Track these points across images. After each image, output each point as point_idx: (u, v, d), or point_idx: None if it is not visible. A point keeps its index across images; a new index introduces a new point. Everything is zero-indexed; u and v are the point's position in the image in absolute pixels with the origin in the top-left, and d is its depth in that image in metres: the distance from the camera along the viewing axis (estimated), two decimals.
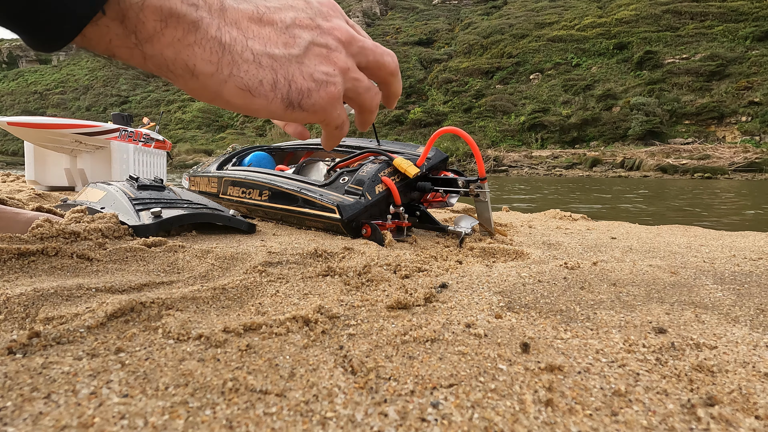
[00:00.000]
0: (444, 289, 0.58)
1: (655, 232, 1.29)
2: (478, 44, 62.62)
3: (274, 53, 0.39)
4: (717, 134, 35.63)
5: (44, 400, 0.28)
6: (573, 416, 0.29)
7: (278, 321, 0.41)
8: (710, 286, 0.63)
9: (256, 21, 0.38)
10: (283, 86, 0.38)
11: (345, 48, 0.43)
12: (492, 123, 45.88)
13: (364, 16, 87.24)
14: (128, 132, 3.38)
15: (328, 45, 0.43)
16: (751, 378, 0.35)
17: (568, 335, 0.43)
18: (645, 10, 53.87)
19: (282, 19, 0.40)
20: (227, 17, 0.36)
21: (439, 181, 1.11)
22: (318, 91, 0.41)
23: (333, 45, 0.43)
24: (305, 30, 0.41)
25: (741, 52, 41.04)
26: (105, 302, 0.45)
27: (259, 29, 0.38)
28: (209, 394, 0.29)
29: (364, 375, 0.33)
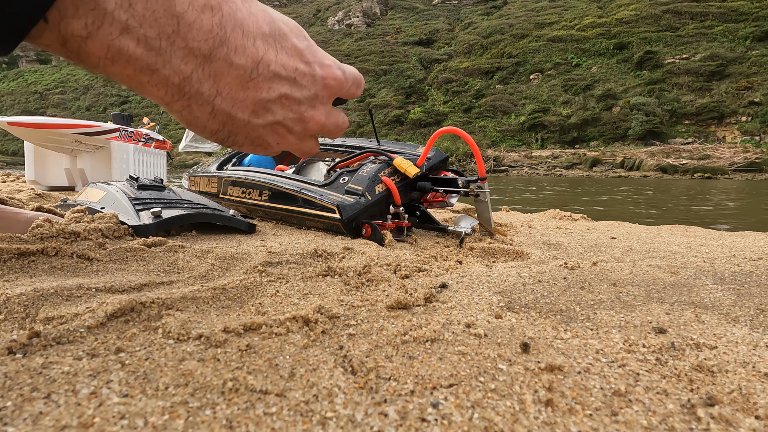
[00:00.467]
0: (444, 289, 0.58)
1: (655, 232, 1.29)
2: (478, 44, 62.61)
3: (236, 116, 0.39)
4: (717, 134, 35.62)
5: (44, 400, 0.28)
6: (573, 416, 0.29)
7: (278, 321, 0.41)
8: (710, 286, 0.63)
9: (242, 83, 0.37)
10: (222, 134, 0.40)
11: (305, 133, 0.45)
12: (492, 123, 45.88)
13: (364, 16, 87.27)
14: (128, 132, 3.38)
15: (292, 130, 0.44)
16: (751, 378, 0.35)
17: (568, 335, 0.43)
18: (645, 10, 53.85)
19: (270, 89, 0.39)
20: (208, 69, 0.35)
21: (439, 181, 1.11)
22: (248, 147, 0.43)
23: (297, 131, 0.44)
24: (284, 109, 0.42)
25: (741, 52, 41.03)
26: (105, 302, 0.45)
27: (239, 92, 0.38)
28: (209, 394, 0.29)
29: (364, 375, 0.33)
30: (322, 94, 0.44)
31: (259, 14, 0.38)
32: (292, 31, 0.41)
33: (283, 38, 0.39)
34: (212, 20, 0.34)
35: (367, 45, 76.84)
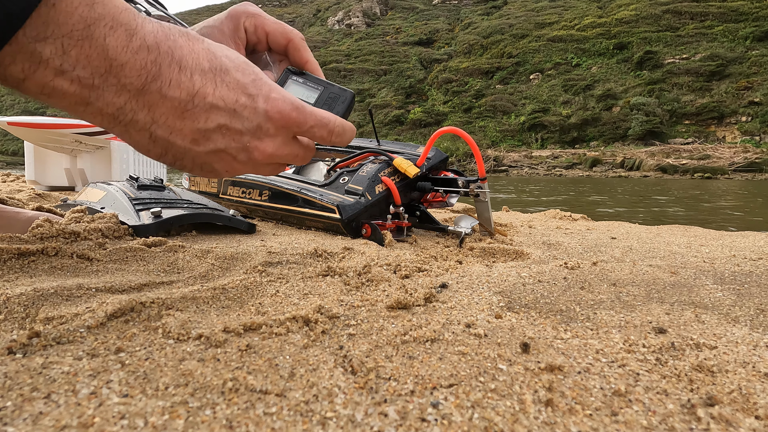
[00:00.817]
0: (444, 289, 0.58)
1: (655, 232, 1.29)
2: (478, 44, 62.61)
3: (175, 142, 0.41)
4: (717, 134, 35.63)
5: (44, 400, 0.28)
6: (573, 416, 0.29)
7: (278, 321, 0.41)
8: (710, 286, 0.63)
9: (178, 113, 0.39)
10: (167, 158, 0.42)
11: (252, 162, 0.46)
12: (492, 123, 45.88)
13: (364, 16, 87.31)
14: None
15: (237, 158, 0.45)
16: (751, 378, 0.35)
17: (568, 335, 0.43)
18: (645, 10, 53.87)
19: (207, 120, 0.41)
20: (142, 100, 0.37)
21: (439, 181, 1.11)
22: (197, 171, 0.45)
23: (242, 159, 0.45)
24: (225, 138, 0.43)
25: (741, 52, 41.03)
26: (105, 302, 0.45)
27: (176, 121, 0.40)
28: (209, 394, 0.29)
29: (364, 375, 0.33)
30: (267, 126, 0.45)
31: (201, 52, 0.40)
32: (237, 67, 0.43)
33: (224, 73, 0.41)
34: (147, 58, 0.36)
35: (367, 45, 76.84)
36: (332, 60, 72.10)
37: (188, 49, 0.40)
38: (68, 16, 0.32)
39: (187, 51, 0.40)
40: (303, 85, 0.55)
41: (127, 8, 0.37)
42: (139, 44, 0.36)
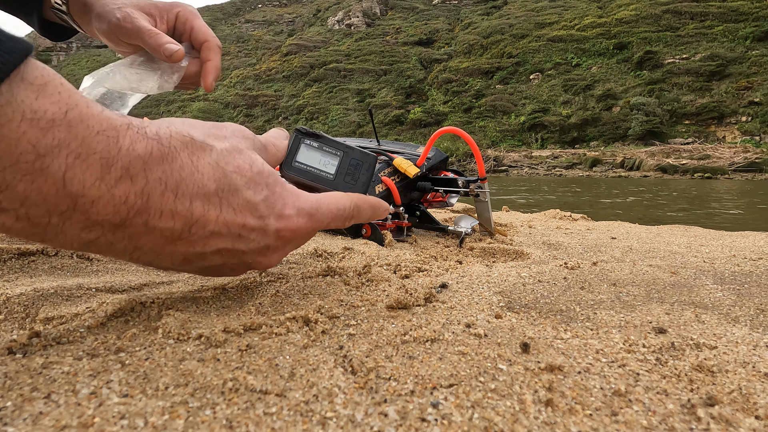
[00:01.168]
0: (444, 289, 0.58)
1: (655, 232, 1.29)
2: (478, 44, 62.59)
3: (162, 263, 0.37)
4: (717, 134, 35.62)
5: (44, 400, 0.28)
6: (573, 416, 0.29)
7: (278, 321, 0.41)
8: (710, 286, 0.63)
9: (170, 241, 0.34)
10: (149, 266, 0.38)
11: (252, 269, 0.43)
12: (492, 123, 45.87)
13: (364, 16, 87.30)
14: None
15: (236, 269, 0.42)
16: (751, 378, 0.35)
17: (568, 335, 0.43)
18: (645, 10, 53.86)
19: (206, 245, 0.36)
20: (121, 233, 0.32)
21: (439, 181, 1.11)
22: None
23: (241, 270, 0.42)
24: (224, 257, 0.39)
25: (741, 52, 41.02)
26: (105, 302, 0.45)
27: (165, 246, 0.35)
28: (209, 394, 0.29)
29: (364, 375, 0.33)
30: (276, 244, 0.41)
31: (206, 170, 0.34)
32: (248, 182, 0.37)
33: (232, 194, 0.36)
34: (129, 190, 0.30)
35: (367, 45, 76.79)
36: (332, 60, 72.10)
37: (190, 170, 0.34)
38: (11, 144, 0.25)
39: (188, 172, 0.33)
40: (319, 151, 0.50)
41: (104, 129, 0.29)
42: (120, 175, 0.30)
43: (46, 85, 0.27)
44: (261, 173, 0.38)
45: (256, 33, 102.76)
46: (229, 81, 79.24)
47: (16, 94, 0.25)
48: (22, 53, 0.26)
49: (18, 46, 0.26)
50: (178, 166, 0.33)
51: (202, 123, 0.39)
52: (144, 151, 0.31)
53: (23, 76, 0.26)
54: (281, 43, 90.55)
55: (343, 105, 59.87)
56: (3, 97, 0.25)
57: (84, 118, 0.28)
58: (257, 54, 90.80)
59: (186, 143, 0.34)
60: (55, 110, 0.27)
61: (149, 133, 0.32)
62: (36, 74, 0.27)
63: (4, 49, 0.25)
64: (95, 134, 0.28)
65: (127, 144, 0.30)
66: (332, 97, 63.04)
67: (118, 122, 0.30)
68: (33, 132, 0.26)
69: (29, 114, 0.26)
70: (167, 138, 0.33)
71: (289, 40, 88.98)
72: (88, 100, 0.29)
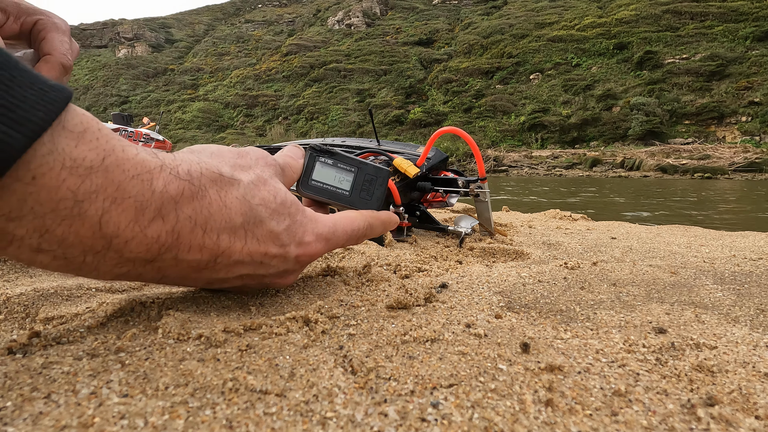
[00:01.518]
0: (444, 289, 0.58)
1: (655, 232, 1.29)
2: (478, 44, 62.60)
3: (183, 283, 0.40)
4: (717, 134, 35.62)
5: (44, 400, 0.28)
6: (573, 416, 0.29)
7: (278, 321, 0.41)
8: (710, 286, 0.63)
9: (195, 269, 0.37)
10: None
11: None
12: (492, 123, 45.88)
13: (364, 16, 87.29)
14: (128, 132, 3.38)
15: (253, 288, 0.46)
16: (751, 378, 0.35)
17: (568, 335, 0.43)
18: (645, 10, 53.87)
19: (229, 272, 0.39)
20: (150, 266, 0.34)
21: (439, 181, 1.11)
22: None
23: (256, 288, 0.46)
24: (245, 280, 0.42)
25: (741, 52, 41.03)
26: (105, 302, 0.45)
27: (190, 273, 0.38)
28: (209, 394, 0.29)
29: (364, 375, 0.33)
30: (294, 267, 0.44)
31: (233, 205, 0.36)
32: (272, 213, 0.39)
33: (258, 225, 0.38)
34: (161, 229, 0.32)
35: (367, 45, 76.80)
36: (332, 60, 72.13)
37: (218, 205, 0.35)
38: (52, 191, 0.26)
39: (217, 207, 0.35)
40: (334, 168, 0.51)
41: (138, 173, 0.30)
42: (153, 216, 0.31)
43: (85, 132, 0.28)
44: (284, 203, 0.40)
45: (256, 33, 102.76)
46: (229, 81, 79.27)
47: (57, 143, 0.26)
48: (63, 101, 0.26)
49: (59, 95, 0.26)
50: (207, 202, 0.34)
51: (228, 151, 0.41)
52: (176, 192, 0.32)
53: (64, 124, 0.27)
54: (281, 43, 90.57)
55: (343, 105, 59.88)
56: (45, 147, 0.26)
57: (120, 163, 0.29)
58: (257, 54, 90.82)
59: (215, 179, 0.35)
60: (93, 157, 0.28)
61: (181, 173, 0.33)
62: (76, 121, 0.27)
63: (48, 99, 0.26)
64: (131, 178, 0.30)
65: (161, 186, 0.31)
66: (332, 97, 63.06)
67: (151, 164, 0.31)
68: (72, 179, 0.27)
69: (69, 162, 0.26)
70: (198, 177, 0.34)
71: (289, 40, 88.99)
72: (124, 143, 0.30)
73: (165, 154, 0.34)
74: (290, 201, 0.41)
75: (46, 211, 0.26)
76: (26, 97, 0.25)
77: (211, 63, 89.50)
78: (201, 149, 0.40)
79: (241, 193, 0.37)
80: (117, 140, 0.30)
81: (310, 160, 0.50)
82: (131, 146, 0.31)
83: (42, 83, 0.26)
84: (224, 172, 0.37)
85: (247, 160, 0.41)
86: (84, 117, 0.28)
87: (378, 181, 0.53)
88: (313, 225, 0.43)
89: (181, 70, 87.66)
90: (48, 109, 0.25)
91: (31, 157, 0.25)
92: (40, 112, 0.25)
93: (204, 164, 0.36)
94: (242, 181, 0.37)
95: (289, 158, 0.48)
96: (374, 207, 0.54)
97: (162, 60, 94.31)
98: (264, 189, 0.39)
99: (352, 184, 0.52)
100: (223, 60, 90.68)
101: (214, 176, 0.36)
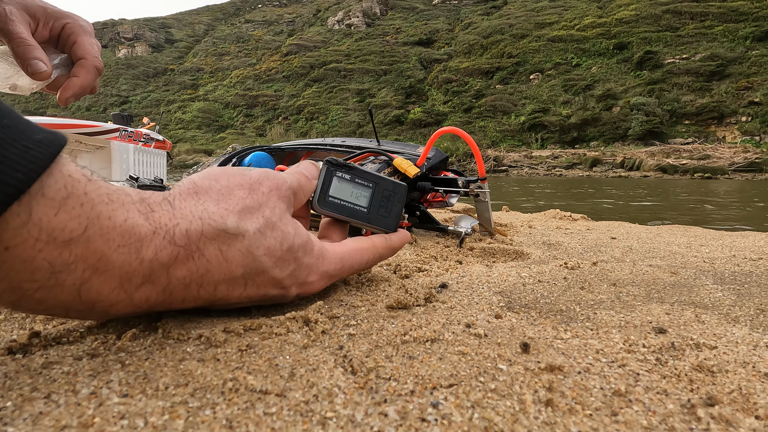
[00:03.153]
0: (444, 289, 0.58)
1: (655, 232, 1.29)
2: (478, 44, 62.58)
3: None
4: (717, 134, 35.61)
5: (44, 400, 0.28)
6: (573, 416, 0.29)
7: (278, 321, 0.41)
8: (710, 286, 0.63)
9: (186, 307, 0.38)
10: None
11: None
12: (492, 123, 45.86)
13: (364, 16, 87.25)
14: (128, 132, 3.38)
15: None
16: (751, 378, 0.35)
17: (568, 335, 0.43)
18: (645, 10, 53.85)
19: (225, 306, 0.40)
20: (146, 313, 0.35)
21: (439, 181, 1.11)
22: None
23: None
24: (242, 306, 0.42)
25: (741, 52, 41.02)
26: None
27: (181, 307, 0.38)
28: (209, 394, 0.29)
29: (364, 375, 0.33)
30: (294, 300, 0.44)
31: (235, 258, 0.35)
32: (278, 260, 0.38)
33: (259, 275, 0.37)
34: (150, 291, 0.31)
35: (367, 45, 76.77)
36: (332, 60, 72.12)
37: (218, 261, 0.34)
38: (26, 262, 0.25)
39: (216, 263, 0.34)
40: (352, 183, 0.50)
41: (125, 243, 0.28)
42: (141, 282, 0.30)
43: (68, 198, 0.26)
44: (291, 249, 0.39)
45: (256, 33, 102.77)
46: (229, 81, 79.27)
47: (34, 213, 0.24)
48: (47, 158, 0.24)
49: (45, 151, 0.24)
50: (206, 260, 0.33)
51: (238, 186, 0.37)
52: (168, 258, 0.31)
53: (44, 190, 0.25)
54: (281, 43, 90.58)
55: (343, 105, 59.90)
56: (19, 219, 0.24)
57: (104, 232, 0.27)
58: (257, 54, 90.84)
59: (217, 236, 0.34)
60: (74, 226, 0.26)
61: (177, 237, 0.31)
62: (59, 186, 0.25)
63: (29, 158, 0.24)
64: (116, 248, 0.28)
65: (150, 254, 0.30)
66: (332, 97, 63.07)
67: (142, 231, 0.29)
68: (49, 250, 0.25)
69: (44, 235, 0.25)
70: (197, 238, 0.32)
71: (289, 40, 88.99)
72: (113, 208, 0.28)
73: (162, 211, 0.31)
74: (297, 245, 0.40)
75: (22, 280, 0.26)
76: (5, 156, 0.23)
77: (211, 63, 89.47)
78: (209, 186, 0.36)
79: (245, 245, 0.35)
80: (105, 204, 0.28)
81: (328, 175, 0.48)
82: (122, 209, 0.28)
83: (27, 139, 0.24)
84: (229, 227, 0.34)
85: (257, 197, 0.38)
86: (69, 180, 0.26)
87: (396, 197, 0.52)
88: (320, 264, 0.43)
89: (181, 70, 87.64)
90: (28, 170, 0.23)
91: (3, 228, 0.23)
92: (19, 174, 0.23)
93: (207, 219, 0.33)
94: (248, 232, 0.35)
95: (303, 178, 0.46)
96: (392, 224, 0.53)
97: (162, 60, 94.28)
98: (271, 236, 0.37)
99: (370, 201, 0.50)
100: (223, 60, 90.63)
101: (216, 233, 0.33)
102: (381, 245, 0.50)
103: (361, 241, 0.50)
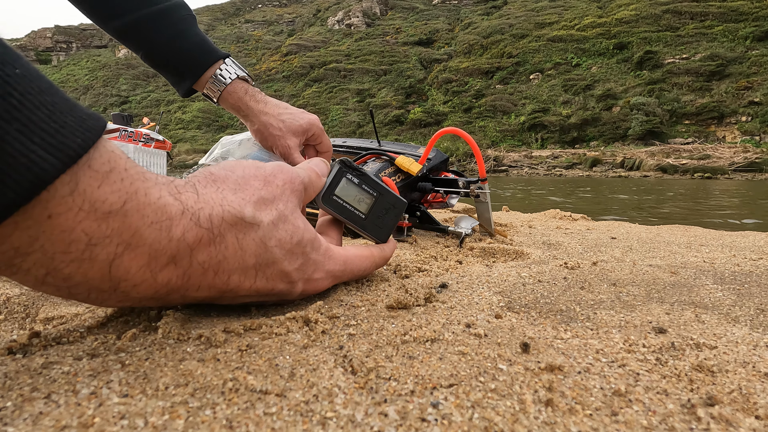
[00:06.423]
0: (444, 289, 0.58)
1: (655, 232, 1.29)
2: (478, 44, 62.56)
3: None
4: (717, 134, 35.60)
5: (44, 400, 0.28)
6: (573, 416, 0.29)
7: (278, 321, 0.41)
8: (710, 286, 0.63)
9: (201, 300, 0.39)
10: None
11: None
12: (492, 123, 45.86)
13: (364, 16, 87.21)
14: (128, 132, 3.38)
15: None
16: (751, 378, 0.35)
17: (568, 335, 0.43)
18: (645, 10, 53.85)
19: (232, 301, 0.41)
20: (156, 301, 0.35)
21: (439, 182, 1.11)
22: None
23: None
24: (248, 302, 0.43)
25: (741, 52, 41.01)
26: None
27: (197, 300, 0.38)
28: (209, 394, 0.29)
29: (364, 375, 0.33)
30: (297, 297, 0.44)
31: (249, 247, 0.36)
32: (288, 253, 0.39)
33: (269, 266, 0.38)
34: (173, 273, 0.32)
35: (367, 45, 76.75)
36: (332, 60, 72.10)
37: (234, 248, 0.35)
38: (65, 233, 0.25)
39: (233, 251, 0.35)
40: (358, 188, 0.51)
41: (158, 220, 0.29)
42: (166, 262, 0.31)
43: (111, 172, 0.27)
44: (300, 243, 0.40)
45: (256, 33, 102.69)
46: None
47: (80, 183, 0.25)
48: (99, 130, 0.25)
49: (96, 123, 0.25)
50: (224, 247, 0.34)
51: (254, 177, 0.38)
52: (194, 240, 0.32)
53: (90, 162, 0.26)
54: (281, 43, 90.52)
55: (343, 105, 59.86)
56: (66, 187, 0.25)
57: (140, 208, 0.28)
58: (257, 54, 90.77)
59: (236, 224, 0.35)
60: (114, 200, 0.27)
61: (202, 220, 0.32)
62: (103, 160, 0.27)
63: (86, 126, 0.25)
64: (149, 225, 0.29)
65: (179, 234, 0.31)
66: (332, 97, 63.02)
67: (173, 210, 0.30)
68: (88, 222, 0.26)
69: (87, 205, 0.26)
70: (219, 223, 0.34)
71: (289, 40, 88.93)
72: (149, 185, 0.29)
73: (189, 193, 0.33)
74: (306, 240, 0.41)
75: (56, 251, 0.26)
76: (66, 123, 0.24)
77: None
78: (226, 176, 0.37)
79: (259, 235, 0.36)
80: (142, 182, 0.29)
81: (338, 174, 0.49)
82: (156, 188, 0.30)
83: (81, 111, 0.25)
84: (246, 215, 0.35)
85: (272, 190, 0.39)
86: (112, 155, 0.27)
87: (393, 212, 0.54)
88: (326, 261, 0.44)
89: None
90: (86, 137, 0.25)
91: (52, 194, 0.24)
92: (78, 139, 0.24)
93: (227, 206, 0.34)
94: (263, 222, 0.36)
95: (314, 175, 0.47)
96: (384, 236, 0.55)
97: None
98: (283, 228, 0.38)
99: (369, 209, 0.52)
100: None
101: (235, 220, 0.35)
102: (378, 255, 0.53)
103: (362, 249, 0.52)
